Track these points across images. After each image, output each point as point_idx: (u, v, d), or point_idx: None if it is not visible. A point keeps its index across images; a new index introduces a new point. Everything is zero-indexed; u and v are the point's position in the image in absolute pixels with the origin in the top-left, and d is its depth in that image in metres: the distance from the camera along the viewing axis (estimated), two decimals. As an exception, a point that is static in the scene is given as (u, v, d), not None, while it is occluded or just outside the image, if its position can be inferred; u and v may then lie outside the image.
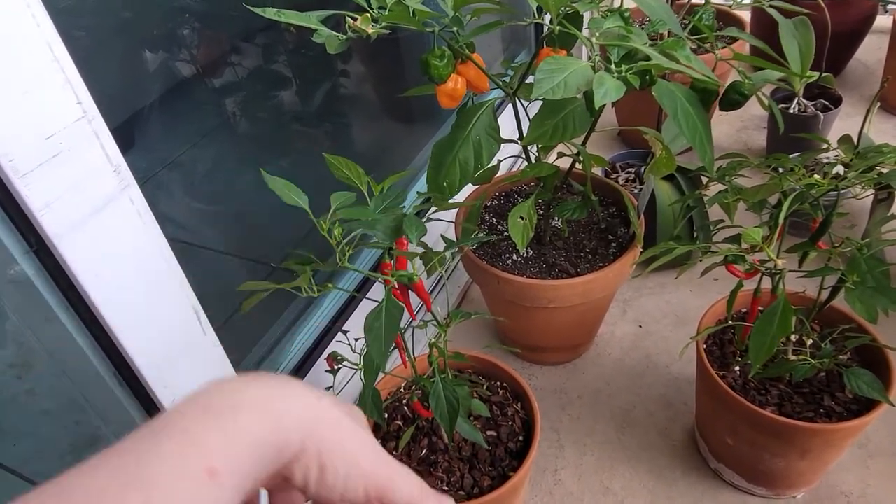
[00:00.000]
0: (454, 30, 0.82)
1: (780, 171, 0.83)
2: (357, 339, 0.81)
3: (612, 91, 0.61)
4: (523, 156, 1.04)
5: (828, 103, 1.57)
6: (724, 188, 0.89)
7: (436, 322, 0.80)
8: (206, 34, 1.04)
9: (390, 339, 0.65)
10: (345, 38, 0.72)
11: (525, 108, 0.97)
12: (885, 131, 1.77)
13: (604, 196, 1.25)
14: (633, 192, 1.41)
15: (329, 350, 0.93)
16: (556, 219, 1.17)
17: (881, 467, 1.04)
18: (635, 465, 1.08)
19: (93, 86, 0.53)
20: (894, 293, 0.72)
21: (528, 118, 0.89)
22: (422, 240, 0.76)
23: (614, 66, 0.68)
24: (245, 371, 0.99)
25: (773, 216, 0.80)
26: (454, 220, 1.17)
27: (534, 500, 1.06)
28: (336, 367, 0.83)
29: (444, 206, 0.87)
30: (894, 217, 0.89)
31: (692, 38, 0.95)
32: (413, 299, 0.77)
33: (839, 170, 0.83)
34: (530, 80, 0.81)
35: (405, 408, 0.96)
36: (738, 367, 0.97)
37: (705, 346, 1.00)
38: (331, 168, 0.73)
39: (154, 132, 0.97)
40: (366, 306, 1.10)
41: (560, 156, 1.04)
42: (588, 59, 0.66)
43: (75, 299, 0.57)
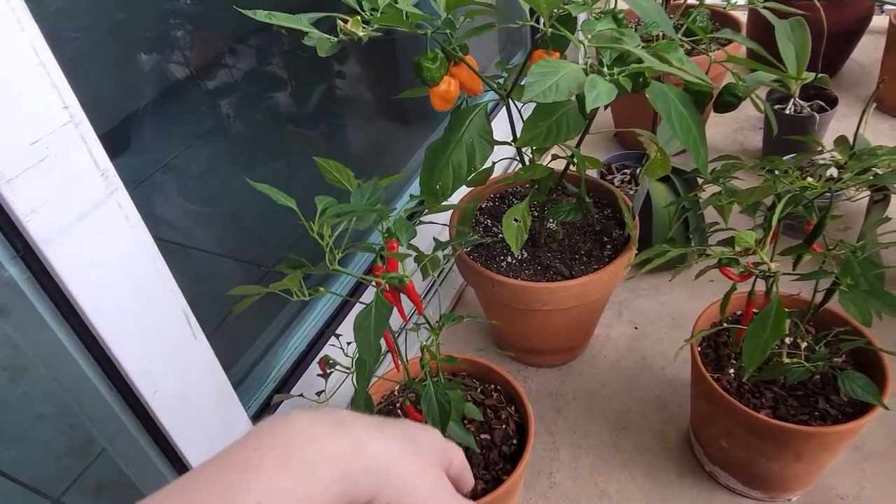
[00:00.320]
0: (447, 32, 0.81)
1: (774, 173, 0.83)
2: (349, 343, 0.81)
3: (603, 94, 0.61)
4: (518, 157, 1.03)
5: (824, 104, 1.57)
6: (718, 190, 0.89)
7: (428, 325, 0.79)
8: (199, 36, 1.03)
9: (378, 335, 0.64)
10: (336, 40, 0.72)
11: (519, 110, 0.97)
12: (882, 132, 1.77)
13: (599, 198, 1.24)
14: (629, 194, 1.41)
15: (322, 354, 0.93)
16: (551, 221, 1.17)
17: (876, 470, 1.04)
18: (630, 468, 1.08)
19: (86, 88, 0.53)
20: (888, 296, 0.72)
21: (522, 120, 0.89)
22: (417, 244, 0.75)
23: (606, 69, 0.68)
24: (236, 374, 0.99)
25: (767, 218, 0.79)
26: (448, 222, 1.17)
27: (529, 503, 1.05)
28: (328, 371, 0.83)
29: (437, 208, 0.87)
30: (889, 219, 0.89)
31: (686, 39, 0.94)
32: (406, 303, 0.77)
33: (833, 172, 0.83)
34: (524, 81, 0.81)
35: (398, 411, 0.95)
36: (732, 370, 0.96)
37: (700, 348, 1.00)
38: (321, 171, 0.72)
39: (149, 134, 0.97)
40: (359, 310, 1.10)
41: (555, 158, 1.04)
42: (581, 62, 0.66)
43: (63, 304, 0.56)
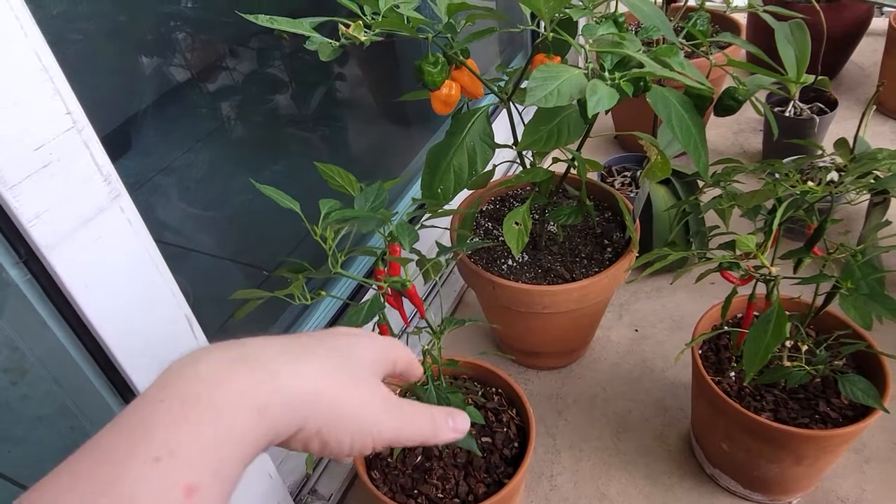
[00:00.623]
0: (448, 36, 0.82)
1: (775, 176, 0.83)
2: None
3: (605, 99, 0.61)
4: (518, 160, 1.04)
5: (823, 106, 1.57)
6: (719, 193, 0.89)
7: (430, 329, 0.79)
8: (200, 39, 1.04)
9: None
10: (338, 45, 0.72)
11: (520, 113, 0.97)
12: (882, 134, 1.77)
13: (599, 201, 1.24)
14: (629, 197, 1.41)
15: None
16: (552, 224, 1.17)
17: (877, 472, 1.04)
18: (631, 471, 1.08)
19: (87, 91, 0.53)
20: (888, 300, 0.72)
21: (523, 123, 0.89)
22: (417, 247, 0.76)
23: (608, 74, 0.68)
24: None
25: (768, 222, 0.80)
26: (449, 226, 1.17)
27: (529, 505, 1.05)
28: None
29: (439, 213, 0.87)
30: (889, 223, 0.89)
31: (686, 42, 0.95)
32: (408, 306, 0.77)
33: (834, 175, 0.83)
34: (525, 84, 0.81)
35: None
36: (733, 373, 0.96)
37: (701, 351, 1.00)
38: (324, 176, 0.72)
39: (150, 137, 0.97)
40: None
41: (555, 161, 1.04)
42: (582, 66, 0.66)
43: (66, 309, 0.57)
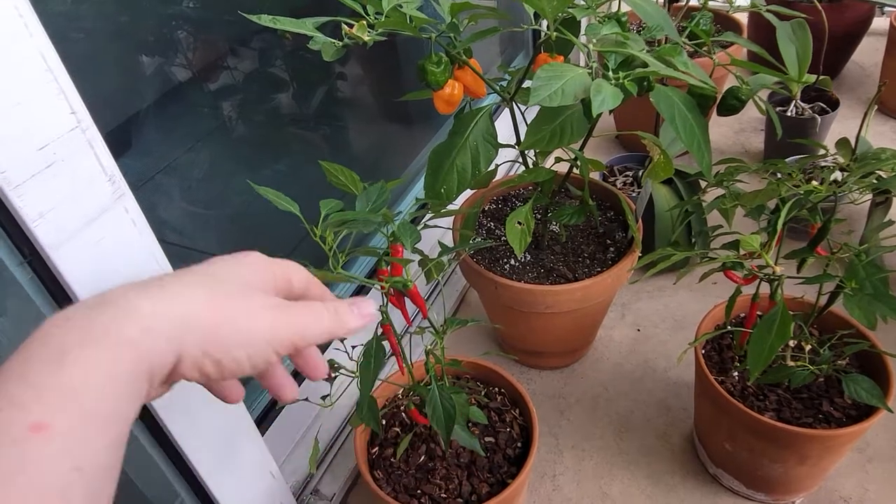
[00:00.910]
0: (451, 36, 0.81)
1: (778, 176, 0.83)
2: (354, 347, 0.81)
3: (609, 98, 0.61)
4: (520, 160, 1.04)
5: (825, 106, 1.57)
6: (722, 193, 0.89)
7: (432, 329, 0.79)
8: (201, 38, 1.04)
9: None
10: (341, 44, 0.72)
11: (522, 113, 0.97)
12: (883, 133, 1.77)
13: (602, 200, 1.24)
14: (631, 196, 1.41)
15: (326, 357, 0.93)
16: (554, 223, 1.17)
17: (880, 472, 1.04)
18: (634, 471, 1.08)
19: (89, 90, 0.53)
20: (892, 300, 0.72)
21: (526, 122, 0.89)
22: (420, 247, 0.75)
23: (611, 73, 0.68)
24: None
25: (772, 222, 0.80)
26: (452, 225, 1.17)
27: (532, 505, 1.05)
28: (333, 376, 0.83)
29: (442, 213, 0.87)
30: (892, 223, 0.89)
31: (689, 42, 0.95)
32: (410, 306, 0.77)
33: (837, 175, 0.83)
34: (527, 84, 0.81)
35: (403, 414, 0.95)
36: (736, 373, 0.96)
37: (704, 351, 1.00)
38: (326, 175, 0.72)
39: (151, 135, 0.97)
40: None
41: (558, 160, 1.04)
42: (585, 65, 0.66)
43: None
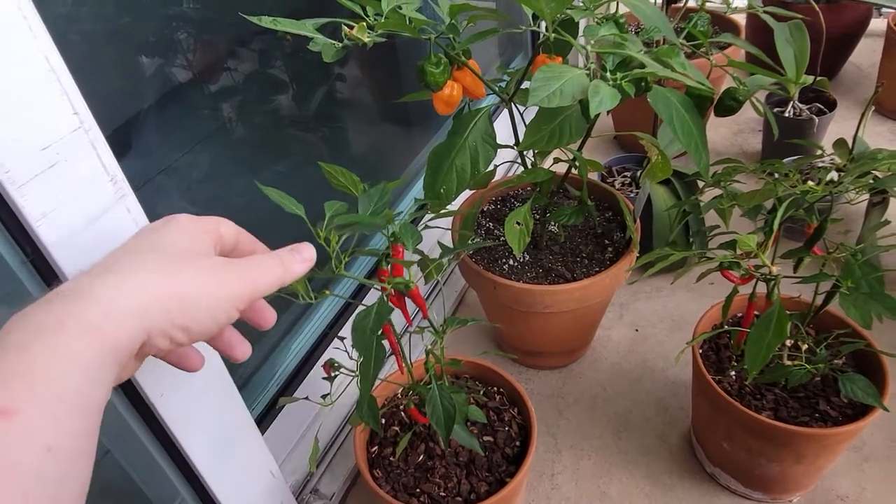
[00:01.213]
0: (450, 37, 0.82)
1: (775, 176, 0.84)
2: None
3: (607, 99, 0.62)
4: (519, 161, 1.04)
5: (822, 107, 1.58)
6: (719, 193, 0.89)
7: (432, 329, 0.80)
8: (202, 39, 1.04)
9: (374, 334, 0.65)
10: (341, 46, 0.72)
11: (521, 114, 0.98)
12: (880, 134, 1.78)
13: (600, 201, 1.25)
14: (630, 197, 1.42)
15: (325, 357, 0.93)
16: (553, 224, 1.17)
17: (876, 471, 1.05)
18: (632, 470, 1.09)
19: (91, 91, 0.53)
20: (888, 299, 0.72)
21: (524, 123, 0.90)
22: (419, 247, 0.76)
23: (609, 74, 0.68)
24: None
25: (769, 222, 0.80)
26: (451, 226, 1.18)
27: (531, 504, 1.06)
28: (333, 375, 0.83)
29: (441, 213, 0.87)
30: (888, 222, 0.90)
31: (687, 43, 0.95)
32: (410, 305, 0.77)
33: (833, 175, 0.84)
34: (526, 85, 0.82)
35: (402, 413, 0.96)
36: (733, 372, 0.97)
37: (701, 350, 1.00)
38: (326, 176, 0.73)
39: (151, 136, 0.97)
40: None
41: (556, 161, 1.04)
42: (584, 67, 0.66)
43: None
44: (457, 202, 1.10)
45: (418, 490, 0.87)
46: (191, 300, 0.36)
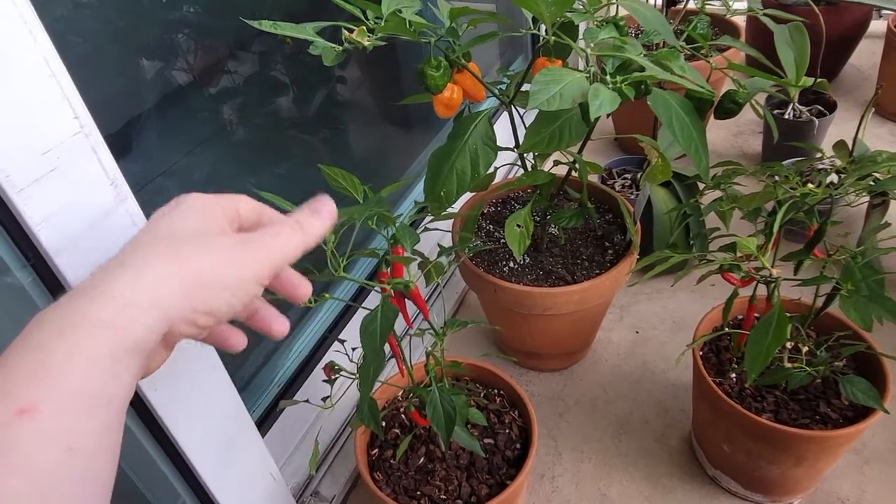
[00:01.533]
0: (450, 40, 0.82)
1: (775, 178, 0.84)
2: (354, 349, 0.81)
3: (607, 102, 0.62)
4: (519, 163, 1.04)
5: (822, 109, 1.58)
6: (719, 195, 0.89)
7: (432, 331, 0.80)
8: (202, 42, 1.04)
9: (384, 339, 0.65)
10: (341, 49, 0.72)
11: (521, 116, 0.98)
12: (880, 136, 1.78)
13: (600, 203, 1.25)
14: (630, 199, 1.42)
15: (326, 360, 0.93)
16: (553, 226, 1.17)
17: (877, 473, 1.05)
18: (632, 472, 1.09)
19: (91, 94, 0.53)
20: (888, 301, 0.72)
21: (524, 126, 0.90)
22: (420, 249, 0.76)
23: (609, 77, 0.68)
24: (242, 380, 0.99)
25: (769, 224, 0.80)
26: (451, 228, 1.18)
27: (531, 507, 1.06)
28: (333, 377, 0.84)
29: (442, 216, 0.87)
30: (889, 225, 0.90)
31: (686, 46, 0.95)
32: (410, 308, 0.77)
33: (833, 178, 0.84)
34: (526, 88, 0.82)
35: (403, 416, 0.96)
36: (734, 374, 0.97)
37: (702, 353, 1.00)
38: (326, 178, 0.73)
39: (151, 139, 0.97)
40: (362, 315, 1.11)
41: (556, 163, 1.04)
42: (584, 70, 0.66)
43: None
44: (457, 205, 1.10)
45: (419, 492, 0.87)
46: (208, 282, 0.35)
